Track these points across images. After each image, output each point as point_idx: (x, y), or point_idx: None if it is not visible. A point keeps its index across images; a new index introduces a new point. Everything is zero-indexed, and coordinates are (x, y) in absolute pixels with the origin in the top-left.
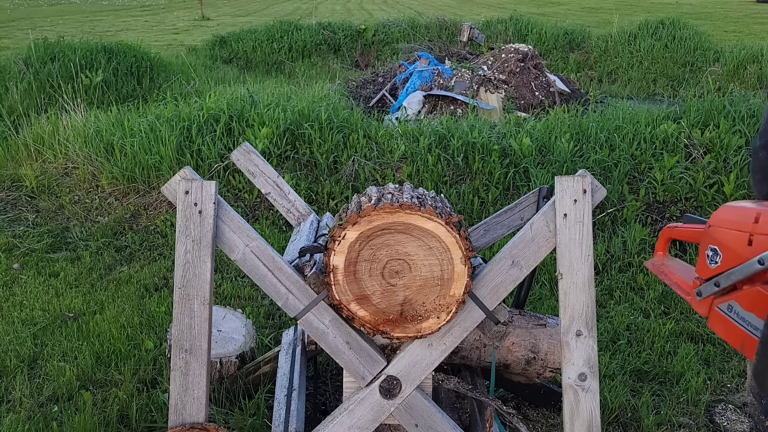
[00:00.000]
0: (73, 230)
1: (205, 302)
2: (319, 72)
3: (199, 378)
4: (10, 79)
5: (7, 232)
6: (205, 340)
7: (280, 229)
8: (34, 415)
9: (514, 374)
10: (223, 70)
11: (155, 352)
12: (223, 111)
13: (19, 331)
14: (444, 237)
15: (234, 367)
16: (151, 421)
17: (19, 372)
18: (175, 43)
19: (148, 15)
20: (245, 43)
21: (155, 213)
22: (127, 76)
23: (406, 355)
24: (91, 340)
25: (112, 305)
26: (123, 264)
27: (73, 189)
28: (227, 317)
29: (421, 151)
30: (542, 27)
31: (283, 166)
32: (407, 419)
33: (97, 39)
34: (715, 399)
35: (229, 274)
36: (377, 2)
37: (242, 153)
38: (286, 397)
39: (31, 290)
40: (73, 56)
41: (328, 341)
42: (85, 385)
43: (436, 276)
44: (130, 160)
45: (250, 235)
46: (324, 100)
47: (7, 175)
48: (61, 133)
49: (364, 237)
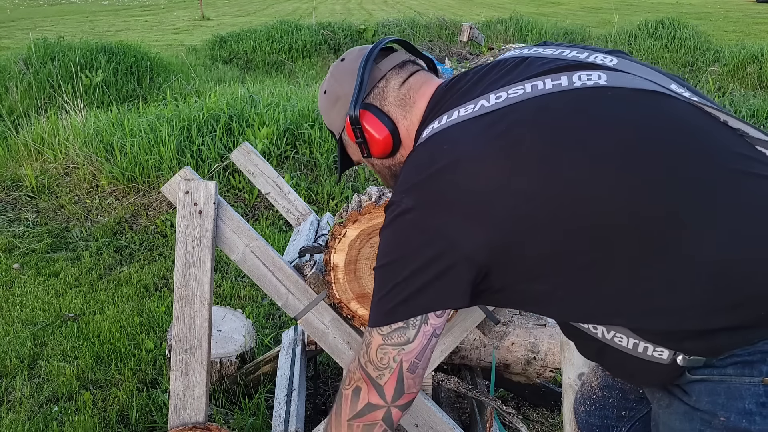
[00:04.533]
0: (73, 230)
1: (205, 302)
2: (319, 72)
3: (199, 378)
4: (10, 79)
5: (7, 232)
6: (205, 340)
7: (280, 229)
8: (34, 415)
9: (514, 374)
10: (223, 70)
11: (155, 352)
12: (223, 111)
13: (19, 331)
14: None
15: (234, 367)
16: (151, 421)
17: (19, 372)
18: (175, 43)
19: (148, 15)
20: (245, 43)
21: (155, 213)
22: (127, 76)
23: None
24: (91, 340)
25: (112, 305)
26: (123, 264)
27: (73, 189)
28: (227, 317)
29: None
30: (542, 27)
31: (283, 166)
32: (407, 419)
33: (97, 39)
34: None
35: (229, 274)
36: (377, 2)
37: (242, 153)
38: (286, 397)
39: (31, 290)
40: (73, 56)
41: (328, 341)
42: (85, 385)
43: None
44: (130, 160)
45: (250, 235)
46: None
47: (7, 175)
48: (61, 133)
49: (365, 235)
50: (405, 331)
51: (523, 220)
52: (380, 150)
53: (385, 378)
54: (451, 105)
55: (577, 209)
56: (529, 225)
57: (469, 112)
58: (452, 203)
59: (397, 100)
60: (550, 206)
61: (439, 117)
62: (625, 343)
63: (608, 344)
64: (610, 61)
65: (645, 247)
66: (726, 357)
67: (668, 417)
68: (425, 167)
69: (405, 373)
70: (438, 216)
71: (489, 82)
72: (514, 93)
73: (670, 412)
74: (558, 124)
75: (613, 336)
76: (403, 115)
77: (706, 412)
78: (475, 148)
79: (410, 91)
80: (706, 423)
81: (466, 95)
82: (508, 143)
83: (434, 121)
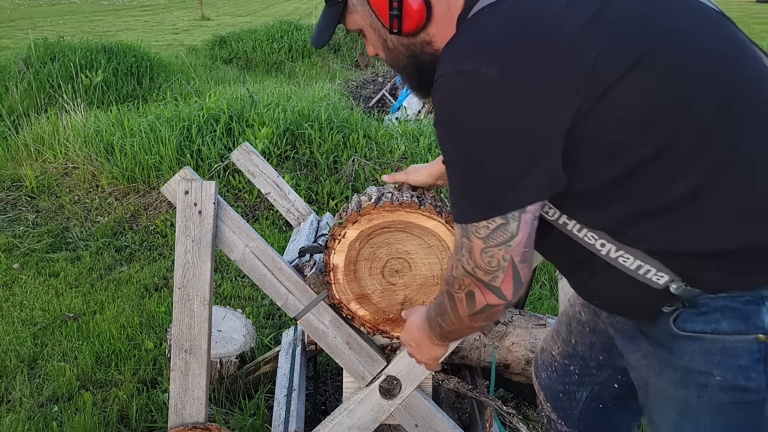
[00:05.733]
0: (73, 230)
1: (205, 302)
2: (319, 72)
3: (199, 378)
4: (10, 79)
5: (7, 232)
6: (205, 340)
7: (280, 229)
8: (34, 415)
9: (514, 374)
10: (223, 70)
11: (155, 352)
12: (223, 111)
13: (19, 331)
14: (444, 235)
15: (234, 367)
16: (151, 421)
17: (19, 372)
18: (175, 43)
19: (148, 15)
20: (245, 43)
21: (155, 213)
22: (127, 76)
23: (406, 355)
24: (91, 340)
25: (112, 305)
26: (123, 264)
27: (73, 189)
28: (227, 317)
29: (421, 151)
30: None
31: (283, 166)
32: (407, 419)
33: (97, 39)
34: None
35: (229, 274)
36: None
37: (242, 153)
38: (286, 397)
39: (31, 290)
40: (73, 56)
41: (328, 341)
42: (85, 385)
43: (436, 275)
44: (130, 160)
45: (250, 235)
46: (324, 100)
47: (7, 175)
48: (61, 133)
49: (365, 236)
50: (506, 227)
51: (610, 89)
52: (413, 25)
53: (499, 279)
54: None
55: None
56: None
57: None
58: (550, 70)
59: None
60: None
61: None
62: (628, 264)
63: (609, 263)
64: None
65: (698, 148)
66: (720, 298)
67: (662, 385)
68: (514, 29)
69: (518, 266)
70: (533, 87)
71: None
72: None
73: (664, 380)
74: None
75: (618, 256)
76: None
77: (702, 372)
78: (565, 13)
79: None
80: (702, 387)
81: None
82: (603, 12)
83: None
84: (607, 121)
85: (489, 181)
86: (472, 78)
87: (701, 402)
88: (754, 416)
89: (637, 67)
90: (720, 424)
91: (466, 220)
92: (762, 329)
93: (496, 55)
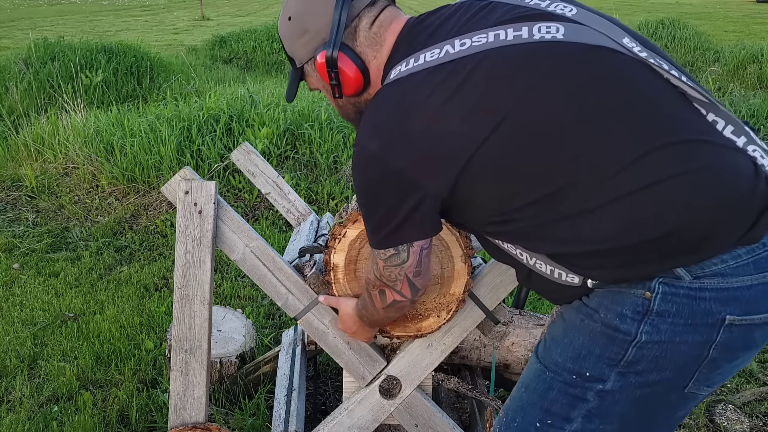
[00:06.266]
0: (73, 230)
1: (205, 302)
2: None
3: (199, 378)
4: (10, 79)
5: (7, 232)
6: (205, 340)
7: (280, 229)
8: (34, 415)
9: (514, 374)
10: (223, 70)
11: (155, 352)
12: (223, 111)
13: (19, 331)
14: (444, 235)
15: (234, 367)
16: (151, 421)
17: (19, 372)
18: (175, 43)
19: (148, 15)
20: (245, 43)
21: (155, 213)
22: (127, 76)
23: (406, 355)
24: (91, 340)
25: (112, 305)
26: (123, 264)
27: (73, 189)
28: (227, 317)
29: None
30: None
31: (283, 166)
32: (407, 419)
33: (97, 39)
34: (715, 399)
35: (229, 274)
36: None
37: (242, 153)
38: (286, 397)
39: (31, 290)
40: (73, 56)
41: (328, 341)
42: (85, 385)
43: (437, 274)
44: (130, 160)
45: (250, 235)
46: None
47: (7, 175)
48: (61, 133)
49: (365, 235)
50: (398, 255)
51: (471, 161)
52: (352, 90)
53: (399, 286)
54: (418, 46)
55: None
56: (476, 166)
57: (434, 58)
58: (412, 146)
59: (368, 39)
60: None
61: (406, 59)
62: (544, 269)
63: (532, 270)
64: (570, 11)
65: (574, 185)
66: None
67: (568, 311)
68: (388, 111)
69: (413, 279)
70: (401, 159)
71: (455, 24)
72: (477, 42)
73: (571, 307)
74: (511, 74)
75: (534, 262)
76: (374, 56)
77: (592, 308)
78: (429, 98)
79: (380, 29)
80: (588, 316)
81: (433, 37)
82: (462, 95)
83: (402, 62)
84: (479, 183)
85: (380, 226)
86: (361, 152)
87: (582, 324)
88: (616, 351)
89: (494, 133)
90: (586, 346)
91: (372, 245)
92: (650, 288)
93: (376, 132)
